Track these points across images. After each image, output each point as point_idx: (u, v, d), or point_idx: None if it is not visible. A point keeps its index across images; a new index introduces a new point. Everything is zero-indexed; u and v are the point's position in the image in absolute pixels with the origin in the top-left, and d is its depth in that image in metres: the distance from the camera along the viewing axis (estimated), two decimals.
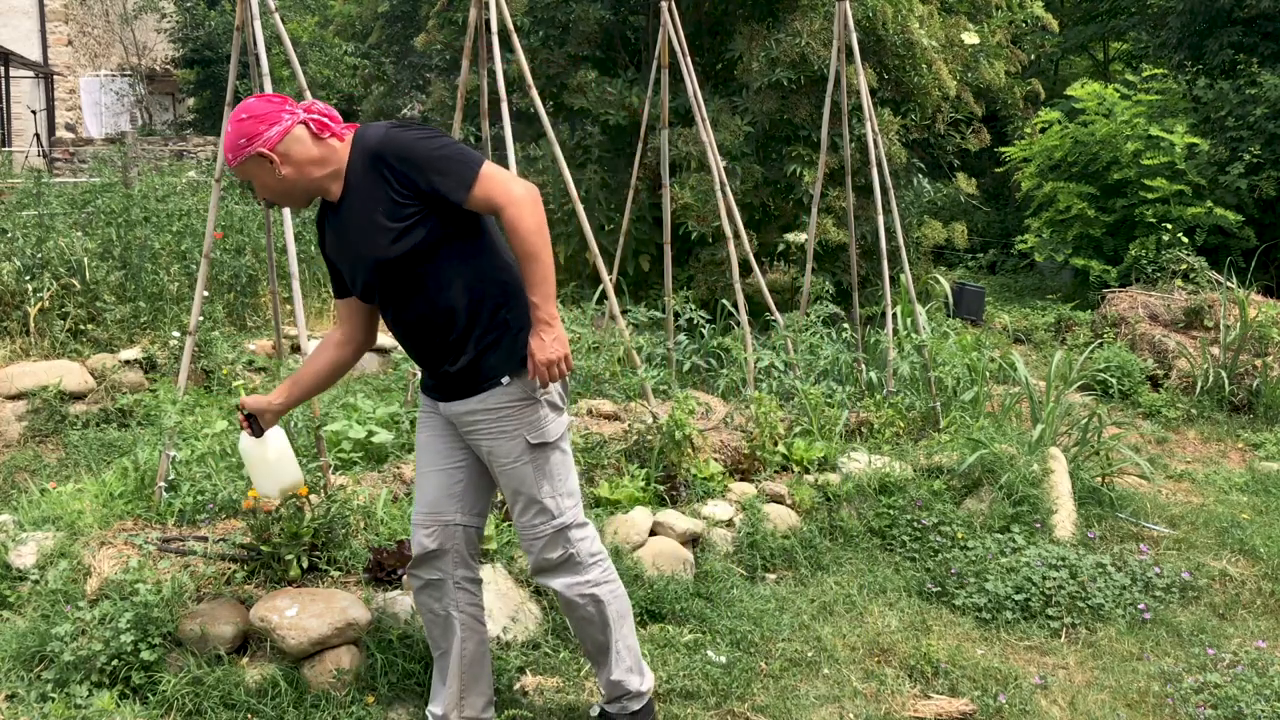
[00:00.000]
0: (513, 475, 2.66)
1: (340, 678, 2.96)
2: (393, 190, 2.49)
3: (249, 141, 2.50)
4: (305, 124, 2.54)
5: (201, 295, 3.95)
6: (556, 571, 2.74)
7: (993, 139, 11.17)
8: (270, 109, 2.52)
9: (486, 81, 4.90)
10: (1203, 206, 10.03)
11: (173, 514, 3.71)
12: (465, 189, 2.46)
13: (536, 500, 2.67)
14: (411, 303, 2.61)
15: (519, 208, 2.46)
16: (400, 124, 2.56)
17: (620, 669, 2.83)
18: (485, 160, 2.49)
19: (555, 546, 2.71)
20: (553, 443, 2.67)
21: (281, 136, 2.51)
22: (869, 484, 4.52)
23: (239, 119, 2.51)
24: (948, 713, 3.10)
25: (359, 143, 2.56)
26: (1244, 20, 11.54)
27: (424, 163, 2.47)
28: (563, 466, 2.71)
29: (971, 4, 10.53)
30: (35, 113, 18.81)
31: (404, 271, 2.56)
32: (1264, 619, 3.89)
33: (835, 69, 5.59)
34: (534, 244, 2.47)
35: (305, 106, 2.58)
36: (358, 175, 2.55)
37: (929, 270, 9.91)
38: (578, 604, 2.77)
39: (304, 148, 2.54)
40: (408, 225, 2.50)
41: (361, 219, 2.55)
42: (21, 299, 6.72)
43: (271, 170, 2.53)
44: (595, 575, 2.77)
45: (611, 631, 2.80)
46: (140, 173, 10.75)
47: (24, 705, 2.82)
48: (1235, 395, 6.92)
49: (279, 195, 2.61)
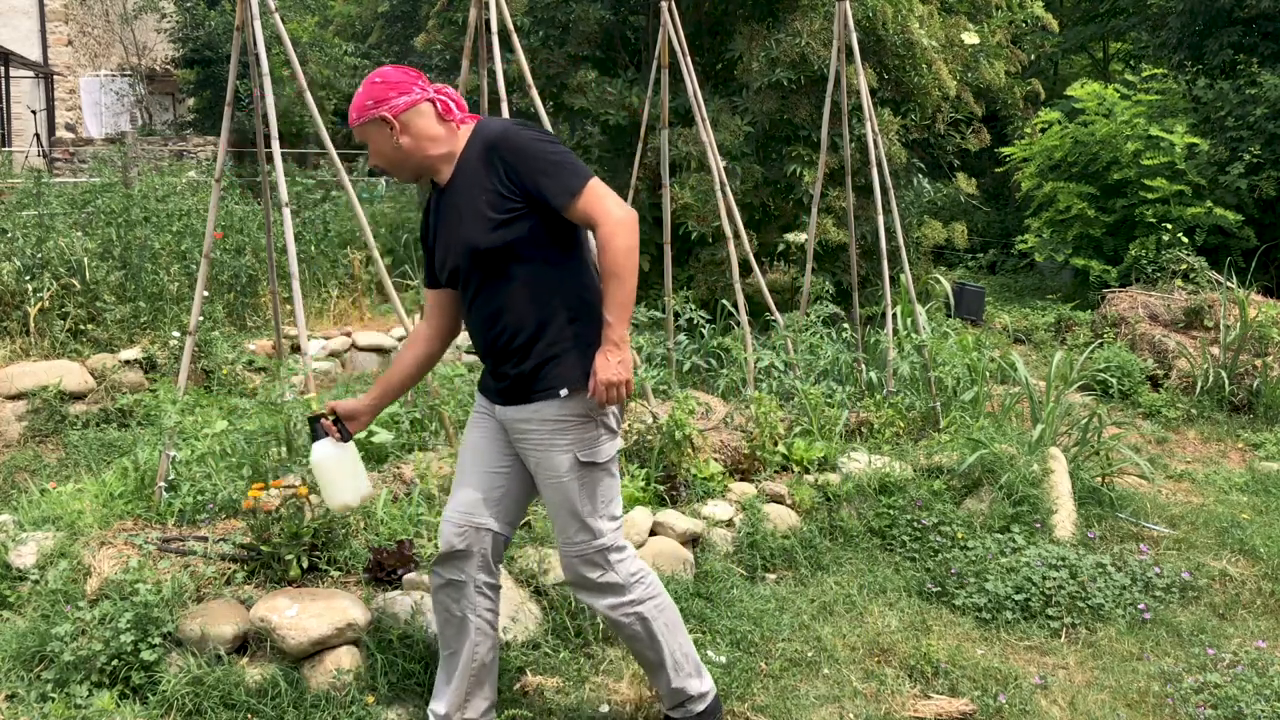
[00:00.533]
0: (558, 490, 2.65)
1: (340, 678, 2.96)
2: (500, 182, 2.54)
3: (376, 105, 2.57)
4: (432, 102, 2.61)
5: (201, 295, 3.95)
6: (597, 592, 2.73)
7: (993, 139, 11.17)
8: (404, 79, 2.59)
9: (486, 81, 4.90)
10: (1203, 206, 10.03)
11: (173, 514, 3.71)
12: (569, 196, 2.50)
13: (579, 518, 2.66)
14: (493, 297, 2.62)
15: (615, 226, 2.49)
16: (522, 123, 2.62)
17: (680, 676, 2.82)
18: (594, 176, 2.54)
19: (594, 567, 2.70)
20: (603, 464, 2.66)
21: (408, 107, 2.58)
22: (869, 484, 4.52)
23: (372, 82, 2.58)
24: (948, 713, 3.10)
25: (478, 132, 2.63)
26: (1244, 20, 11.54)
27: (535, 163, 2.51)
28: (609, 489, 2.70)
29: (971, 4, 10.53)
30: (35, 113, 18.81)
31: (493, 263, 2.59)
32: (1264, 619, 3.89)
33: (835, 69, 5.59)
34: (621, 264, 2.49)
35: (437, 89, 2.65)
36: (470, 163, 2.60)
37: (929, 270, 9.92)
38: (623, 624, 2.76)
39: (426, 123, 2.60)
40: (507, 219, 2.54)
41: (466, 204, 2.59)
42: (21, 299, 6.72)
43: (390, 137, 2.60)
44: (638, 594, 2.75)
45: (663, 645, 2.78)
46: (140, 173, 10.75)
47: (24, 705, 2.82)
48: (1235, 395, 6.92)
49: (391, 164, 2.66)
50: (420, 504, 3.73)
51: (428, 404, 4.62)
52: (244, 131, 13.98)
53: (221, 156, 4.03)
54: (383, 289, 7.20)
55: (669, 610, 2.81)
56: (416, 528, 3.59)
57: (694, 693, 2.84)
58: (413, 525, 3.60)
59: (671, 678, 2.81)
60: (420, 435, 4.61)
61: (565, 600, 3.45)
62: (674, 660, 2.81)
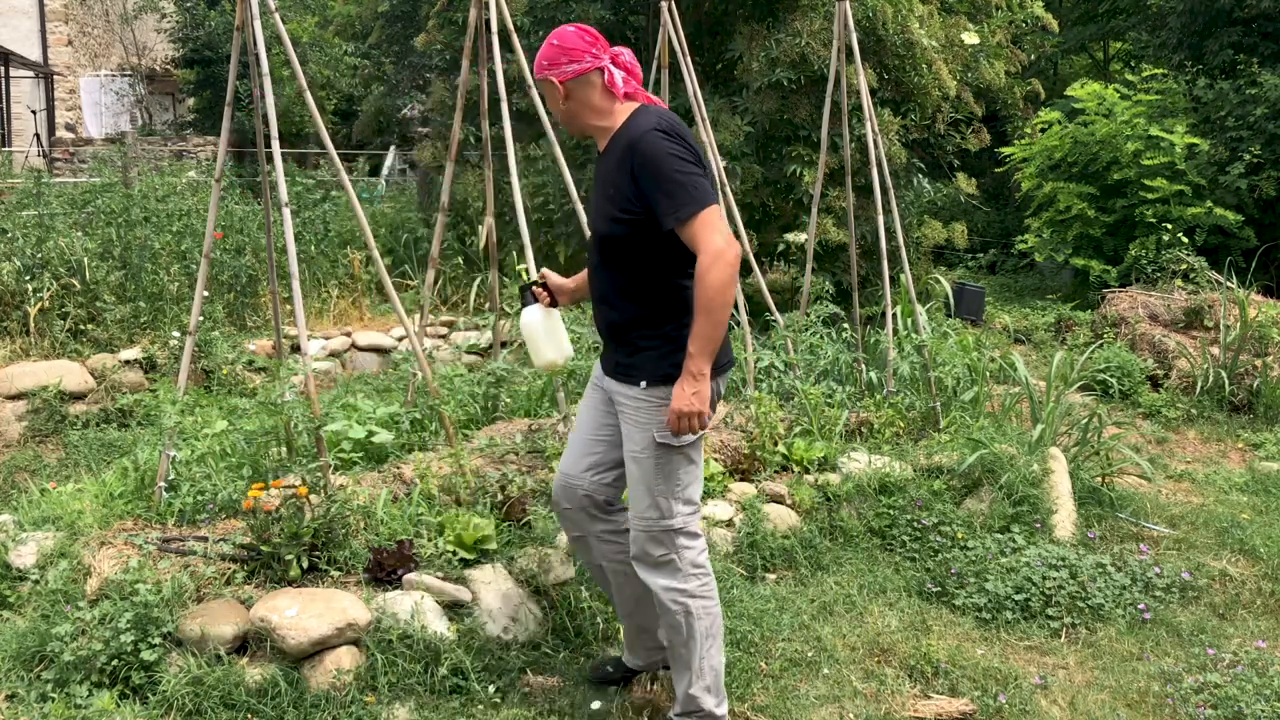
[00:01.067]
0: (637, 464, 2.76)
1: (340, 678, 2.96)
2: (627, 183, 2.64)
3: (549, 66, 2.72)
4: (603, 71, 2.71)
5: (201, 295, 3.95)
6: (656, 570, 2.80)
7: (993, 139, 11.16)
8: (579, 46, 2.70)
9: (486, 81, 4.90)
10: (1203, 206, 10.03)
11: (173, 514, 3.71)
12: (676, 219, 2.56)
13: (651, 494, 2.75)
14: (608, 278, 2.78)
15: (713, 259, 2.51)
16: (667, 130, 2.63)
17: (698, 686, 2.83)
18: (713, 205, 2.56)
19: (658, 545, 2.77)
20: (680, 449, 2.73)
21: (574, 75, 2.70)
22: (869, 484, 4.52)
23: (551, 44, 2.71)
24: (948, 713, 3.10)
25: (632, 120, 2.70)
26: (1244, 20, 11.54)
27: (660, 176, 2.57)
28: (686, 474, 2.77)
29: (971, 4, 10.52)
30: (35, 113, 18.81)
31: (611, 250, 2.74)
32: (1264, 619, 3.89)
33: (835, 69, 5.59)
34: (711, 299, 2.52)
35: (612, 55, 2.74)
36: (615, 148, 2.71)
37: (929, 270, 9.91)
38: (669, 609, 2.80)
39: (591, 92, 2.72)
40: (625, 218, 2.66)
41: (601, 189, 2.76)
42: (21, 299, 6.73)
43: (556, 98, 2.75)
44: (693, 587, 2.79)
45: (696, 647, 2.81)
46: (140, 173, 10.75)
47: (24, 705, 2.82)
48: (1235, 395, 6.92)
49: (562, 118, 2.81)
50: (420, 504, 3.73)
51: (428, 404, 4.62)
52: (244, 131, 13.98)
53: (221, 156, 4.03)
54: (383, 289, 7.20)
55: (714, 619, 2.83)
56: (416, 528, 3.59)
57: (706, 709, 2.84)
58: (413, 525, 3.60)
59: (693, 682, 2.83)
60: (420, 435, 4.61)
61: (565, 600, 3.45)
62: (700, 668, 2.82)
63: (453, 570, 3.37)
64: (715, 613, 2.84)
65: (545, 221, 9.01)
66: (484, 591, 3.33)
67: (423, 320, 4.99)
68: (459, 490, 3.86)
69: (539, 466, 4.18)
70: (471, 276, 9.32)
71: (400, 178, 16.42)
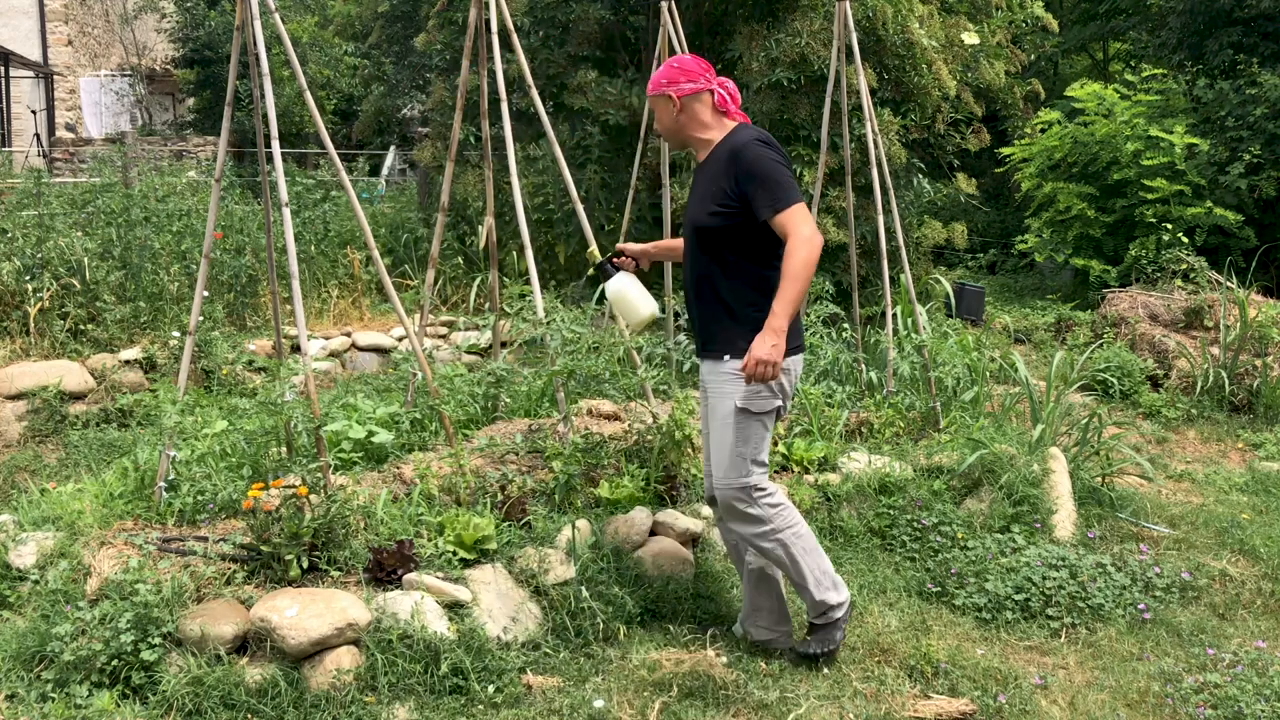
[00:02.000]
0: (720, 430, 3.18)
1: (340, 678, 2.96)
2: (728, 181, 3.12)
3: (669, 83, 3.21)
4: (712, 93, 3.22)
5: (201, 295, 3.95)
6: (743, 521, 3.23)
7: (993, 139, 11.17)
8: (696, 69, 3.22)
9: (486, 81, 4.90)
10: (1203, 207, 10.03)
11: (173, 514, 3.71)
12: (771, 210, 3.05)
13: (731, 457, 3.17)
14: (701, 265, 3.23)
15: (801, 243, 2.99)
16: (765, 141, 3.14)
17: (821, 590, 3.28)
18: (802, 202, 3.07)
19: (741, 501, 3.20)
20: (757, 415, 3.16)
21: (691, 92, 3.20)
22: (869, 484, 4.52)
23: (672, 66, 3.23)
24: (948, 713, 3.10)
25: (733, 134, 3.21)
26: (1244, 20, 11.54)
27: (758, 175, 3.06)
28: (760, 439, 3.19)
29: (971, 4, 10.53)
30: (35, 113, 18.81)
31: (706, 240, 3.19)
32: (1264, 619, 3.89)
33: (835, 69, 5.58)
34: (796, 270, 2.98)
35: (720, 82, 3.25)
36: (718, 155, 3.20)
37: (929, 270, 9.92)
38: (767, 549, 3.25)
39: (701, 109, 3.23)
40: (725, 211, 3.12)
41: (703, 187, 3.21)
42: (21, 299, 6.73)
43: (671, 110, 3.23)
44: (778, 523, 3.22)
45: (803, 565, 3.25)
46: (140, 173, 10.75)
47: (24, 705, 2.82)
48: (1235, 395, 6.92)
49: (666, 131, 3.30)
50: (420, 504, 3.73)
51: (428, 404, 4.62)
52: (244, 131, 13.99)
53: (221, 156, 4.03)
54: (383, 289, 7.20)
55: (806, 536, 3.28)
56: (416, 528, 3.59)
57: (834, 603, 3.31)
58: (413, 525, 3.60)
59: (814, 592, 3.28)
60: (420, 435, 4.61)
61: (565, 600, 3.45)
62: (814, 577, 3.27)
63: (452, 570, 3.37)
64: (804, 532, 3.28)
65: (545, 221, 9.01)
66: (484, 591, 3.33)
67: (423, 320, 4.99)
68: (459, 490, 3.86)
69: (539, 466, 4.18)
70: (471, 276, 9.32)
71: (400, 178, 16.42)
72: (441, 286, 9.31)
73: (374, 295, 9.10)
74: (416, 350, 4.36)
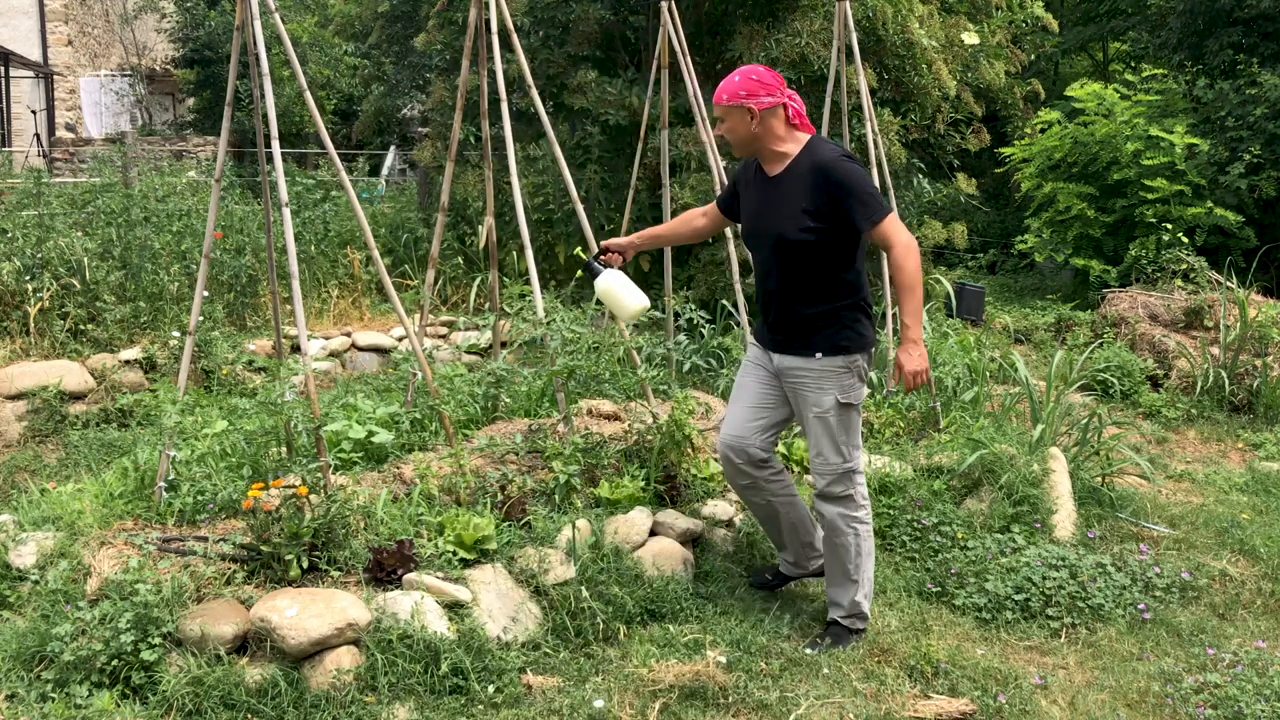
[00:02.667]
0: (821, 422, 3.39)
1: (340, 678, 2.96)
2: (820, 197, 3.25)
3: (748, 95, 3.29)
4: (785, 106, 3.34)
5: (201, 295, 3.95)
6: (837, 502, 3.45)
7: (993, 139, 11.16)
8: (774, 82, 3.31)
9: (486, 81, 4.91)
10: (1203, 207, 10.02)
11: (173, 514, 3.71)
12: (870, 223, 3.23)
13: (835, 445, 3.40)
14: (788, 275, 3.37)
15: (905, 250, 3.22)
16: (850, 156, 3.30)
17: (861, 594, 3.50)
18: (893, 209, 3.29)
19: (840, 483, 3.42)
20: (855, 405, 3.40)
21: (769, 105, 3.30)
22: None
23: (749, 77, 3.29)
24: (948, 713, 3.10)
25: (811, 149, 3.34)
26: (1244, 20, 11.53)
27: (854, 192, 3.22)
28: (856, 425, 3.42)
29: (971, 4, 10.53)
30: (35, 113, 18.82)
31: (794, 252, 3.33)
32: (1264, 619, 3.89)
33: (835, 69, 5.58)
34: (912, 281, 3.20)
35: (790, 95, 3.36)
36: (799, 170, 3.32)
37: (929, 270, 9.91)
38: (844, 530, 3.45)
39: (776, 121, 3.34)
40: (815, 227, 3.27)
41: (787, 201, 3.33)
42: (21, 299, 6.73)
43: (747, 122, 3.31)
44: (863, 514, 3.48)
45: (860, 562, 3.48)
46: (140, 173, 10.75)
47: (24, 705, 2.82)
48: (1235, 395, 6.92)
49: (739, 141, 3.38)
50: (420, 504, 3.73)
51: (428, 404, 4.62)
52: (244, 131, 13.99)
53: (221, 156, 4.03)
54: (383, 289, 7.20)
55: (871, 541, 3.53)
56: (416, 528, 3.59)
57: (864, 611, 3.52)
58: (413, 525, 3.60)
59: (857, 592, 3.50)
60: (420, 435, 4.61)
61: (565, 600, 3.45)
62: (862, 580, 3.50)
63: (452, 570, 3.37)
64: (872, 537, 3.53)
65: (545, 221, 9.01)
66: (484, 591, 3.33)
67: (423, 320, 4.99)
68: (459, 490, 3.86)
69: (539, 466, 4.18)
70: (471, 276, 9.32)
71: (400, 178, 16.42)
72: (441, 286, 9.31)
73: (374, 295, 9.10)
74: (416, 350, 4.36)
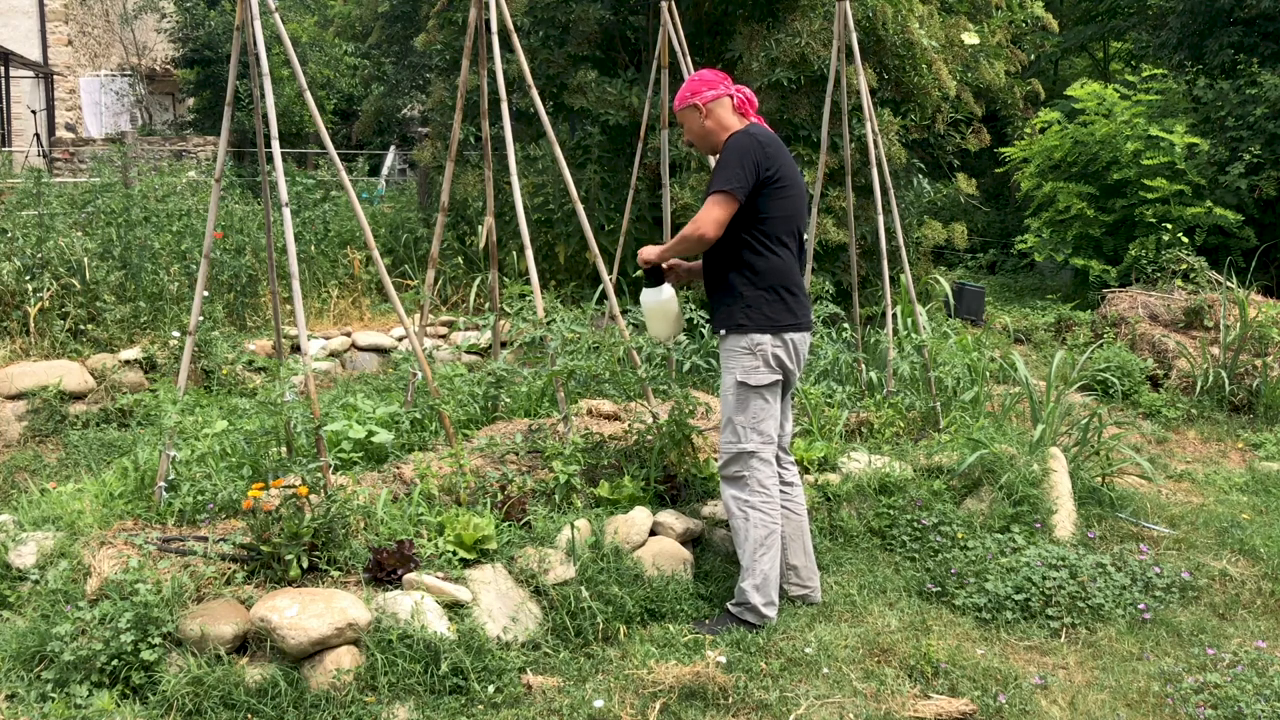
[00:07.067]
0: (723, 400, 3.55)
1: (340, 678, 2.96)
2: None
3: (693, 94, 3.56)
4: (731, 98, 3.55)
5: (201, 295, 3.95)
6: (730, 483, 3.55)
7: (993, 139, 11.17)
8: (715, 79, 3.57)
9: (486, 81, 4.91)
10: (1203, 206, 10.03)
11: (173, 514, 3.71)
12: (709, 188, 3.44)
13: (731, 423, 3.51)
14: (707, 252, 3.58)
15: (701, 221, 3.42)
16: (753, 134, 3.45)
17: (748, 582, 3.50)
18: (733, 190, 3.37)
19: (734, 463, 3.52)
20: (755, 388, 3.48)
21: (714, 99, 3.55)
22: (869, 484, 4.52)
23: (693, 80, 3.58)
24: (948, 713, 3.10)
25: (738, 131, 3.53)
26: (1244, 20, 11.54)
27: (721, 159, 3.44)
28: (760, 410, 3.49)
29: (971, 4, 10.52)
30: (35, 113, 18.81)
31: None
32: (1264, 619, 3.89)
33: (835, 69, 5.58)
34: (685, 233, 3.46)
35: (737, 89, 3.58)
36: None
37: (929, 270, 9.91)
38: (734, 513, 3.54)
39: (724, 112, 3.56)
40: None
41: None
42: (21, 299, 6.73)
43: (699, 118, 3.57)
44: (755, 500, 3.50)
45: (750, 549, 3.50)
46: (140, 173, 10.75)
47: (24, 705, 2.82)
48: (1235, 395, 6.92)
49: (698, 138, 3.62)
50: (420, 504, 3.73)
51: (428, 404, 4.62)
52: (244, 131, 13.98)
53: (221, 156, 4.03)
54: (383, 289, 7.20)
55: (771, 535, 3.50)
56: (416, 528, 3.59)
57: (751, 603, 3.50)
58: (413, 525, 3.60)
59: (745, 578, 3.51)
60: (420, 435, 4.61)
61: (565, 600, 3.45)
62: (751, 568, 3.49)
63: (452, 570, 3.37)
64: (772, 529, 3.50)
65: (545, 221, 9.01)
66: (483, 591, 3.33)
67: (423, 320, 4.99)
68: (459, 490, 3.86)
69: (539, 466, 4.18)
70: (471, 276, 9.32)
71: (400, 178, 16.42)
72: (441, 286, 9.32)
73: (374, 295, 9.10)
74: (416, 350, 4.36)
